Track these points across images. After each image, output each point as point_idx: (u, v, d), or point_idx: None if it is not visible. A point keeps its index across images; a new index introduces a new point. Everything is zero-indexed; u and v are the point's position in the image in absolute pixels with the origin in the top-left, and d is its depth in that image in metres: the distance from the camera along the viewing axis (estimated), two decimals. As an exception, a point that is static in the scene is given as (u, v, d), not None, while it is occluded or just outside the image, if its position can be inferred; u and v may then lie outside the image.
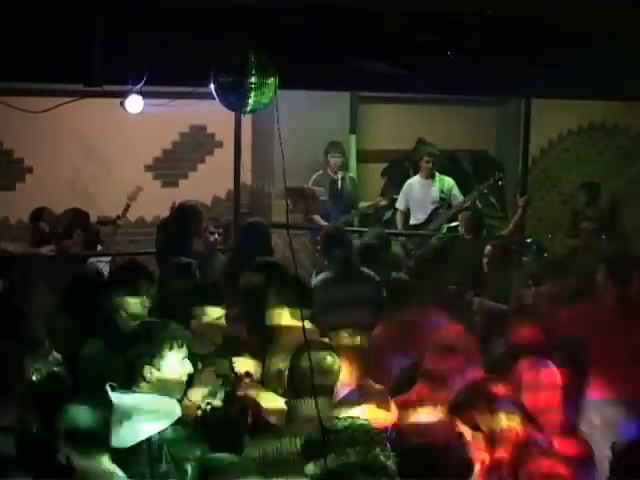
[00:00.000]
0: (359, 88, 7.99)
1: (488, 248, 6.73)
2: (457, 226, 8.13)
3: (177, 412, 3.53)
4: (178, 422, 3.53)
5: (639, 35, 5.93)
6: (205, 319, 4.53)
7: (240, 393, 4.11)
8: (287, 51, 5.35)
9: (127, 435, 3.38)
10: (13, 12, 5.06)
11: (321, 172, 9.32)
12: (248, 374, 4.29)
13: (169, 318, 3.84)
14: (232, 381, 4.20)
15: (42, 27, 5.15)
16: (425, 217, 9.15)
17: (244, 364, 4.36)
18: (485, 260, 6.67)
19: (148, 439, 3.42)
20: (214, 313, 4.56)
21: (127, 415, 3.41)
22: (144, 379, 3.55)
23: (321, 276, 6.21)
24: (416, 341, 4.65)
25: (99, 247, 8.19)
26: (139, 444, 3.40)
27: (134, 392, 3.55)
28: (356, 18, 5.50)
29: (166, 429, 3.46)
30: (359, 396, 4.05)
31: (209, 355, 4.39)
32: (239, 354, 4.43)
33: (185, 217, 7.24)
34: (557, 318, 5.29)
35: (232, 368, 4.29)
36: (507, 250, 6.95)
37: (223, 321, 4.62)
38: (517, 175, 7.74)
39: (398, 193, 9.43)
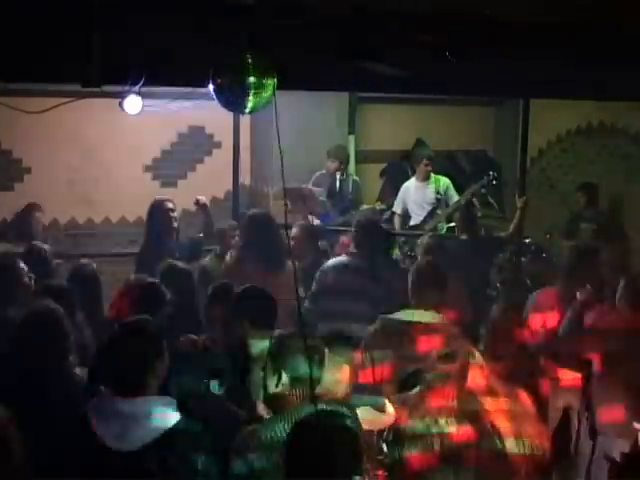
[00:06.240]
0: (358, 88, 7.97)
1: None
2: (455, 227, 8.11)
3: None
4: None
5: (638, 35, 5.92)
6: None
7: None
8: (286, 51, 5.34)
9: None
10: (12, 12, 5.05)
11: (323, 172, 9.33)
12: None
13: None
14: None
15: (41, 27, 5.14)
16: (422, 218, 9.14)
17: None
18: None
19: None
20: None
21: None
22: None
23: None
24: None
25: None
26: None
27: None
28: (356, 18, 5.50)
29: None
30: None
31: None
32: None
33: None
34: None
35: None
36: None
37: None
38: (516, 175, 7.73)
39: (396, 194, 9.44)
